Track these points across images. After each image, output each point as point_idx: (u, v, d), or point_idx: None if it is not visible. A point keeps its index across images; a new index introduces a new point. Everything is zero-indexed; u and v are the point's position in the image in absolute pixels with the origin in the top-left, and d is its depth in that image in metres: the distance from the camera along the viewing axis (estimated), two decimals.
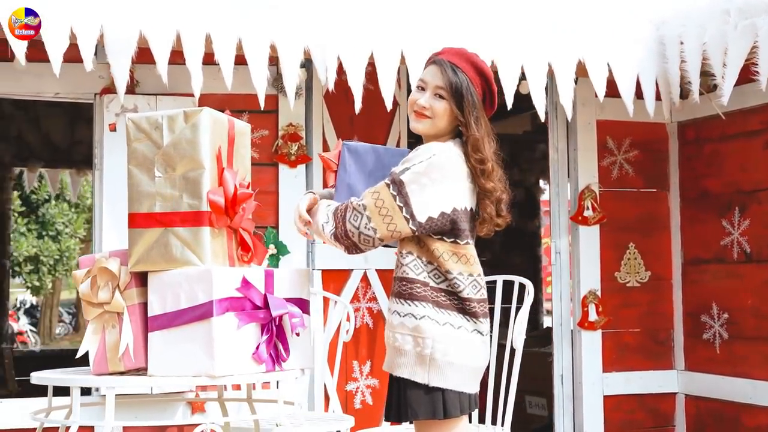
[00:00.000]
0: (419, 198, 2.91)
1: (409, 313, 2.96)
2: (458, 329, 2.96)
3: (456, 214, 2.95)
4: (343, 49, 4.31)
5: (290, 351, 3.20)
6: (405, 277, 2.98)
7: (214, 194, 3.06)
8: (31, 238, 17.89)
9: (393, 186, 2.92)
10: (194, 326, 3.00)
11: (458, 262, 2.98)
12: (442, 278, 2.97)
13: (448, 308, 2.96)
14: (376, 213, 2.90)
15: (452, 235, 2.96)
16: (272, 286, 3.18)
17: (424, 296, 2.95)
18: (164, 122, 3.09)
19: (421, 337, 2.93)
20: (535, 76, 4.60)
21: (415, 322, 2.95)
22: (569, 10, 4.79)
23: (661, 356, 5.52)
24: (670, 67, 4.77)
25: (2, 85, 4.43)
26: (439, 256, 2.96)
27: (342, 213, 2.95)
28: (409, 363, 2.95)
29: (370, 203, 2.92)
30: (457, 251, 2.97)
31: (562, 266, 5.45)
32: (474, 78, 3.04)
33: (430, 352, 2.92)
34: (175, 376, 3.03)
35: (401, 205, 2.90)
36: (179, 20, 4.12)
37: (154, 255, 3.07)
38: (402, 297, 2.98)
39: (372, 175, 3.14)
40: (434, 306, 2.95)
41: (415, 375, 2.94)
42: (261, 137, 4.86)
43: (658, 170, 5.58)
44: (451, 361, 2.94)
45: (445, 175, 2.95)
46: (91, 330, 3.15)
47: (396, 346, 2.97)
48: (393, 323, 3.00)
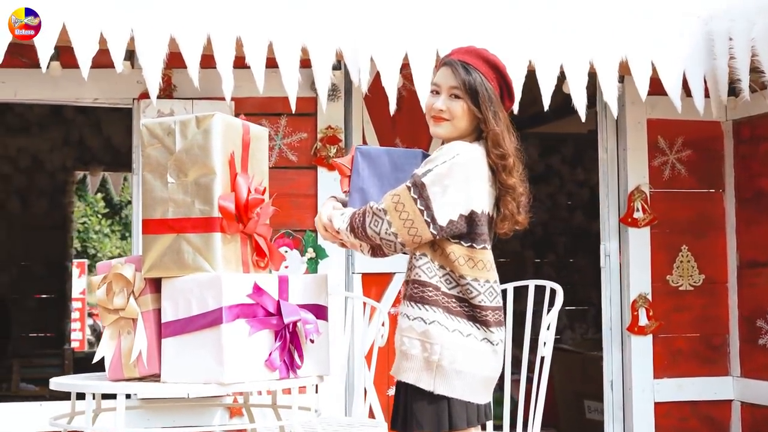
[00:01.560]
0: (441, 201, 2.84)
1: (418, 317, 2.89)
2: (467, 337, 2.88)
3: (474, 217, 2.88)
4: (376, 50, 4.26)
5: (305, 358, 3.17)
6: (417, 280, 2.91)
7: (224, 200, 3.04)
8: (115, 239, 18.25)
9: (414, 189, 2.84)
10: (204, 333, 2.99)
11: (474, 268, 2.90)
12: (454, 284, 2.90)
13: (458, 315, 2.89)
14: (396, 217, 2.84)
15: (469, 238, 2.89)
16: (286, 292, 3.14)
17: (436, 301, 2.88)
18: (177, 128, 3.08)
19: (429, 343, 2.87)
20: (575, 75, 4.48)
21: (424, 327, 2.88)
22: (612, 7, 4.65)
23: (715, 362, 5.34)
24: (719, 64, 4.60)
25: (41, 91, 4.47)
26: (454, 261, 2.89)
27: (361, 218, 2.88)
28: (415, 368, 2.88)
29: (390, 207, 2.85)
30: (473, 256, 2.90)
31: (611, 269, 5.31)
32: (487, 73, 2.98)
33: (438, 359, 2.85)
34: (186, 382, 3.01)
35: (422, 208, 2.83)
36: (210, 23, 4.11)
37: (167, 261, 3.07)
38: (413, 300, 2.91)
39: (386, 177, 3.07)
40: (445, 311, 2.88)
41: (420, 381, 2.87)
42: (300, 140, 4.84)
43: (712, 170, 5.40)
44: (458, 369, 2.86)
45: (468, 176, 2.88)
46: (108, 336, 3.16)
47: (403, 350, 2.90)
48: (402, 326, 2.93)
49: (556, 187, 9.31)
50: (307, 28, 4.22)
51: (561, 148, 9.09)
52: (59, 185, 8.48)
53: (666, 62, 4.59)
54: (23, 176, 8.00)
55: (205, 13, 4.12)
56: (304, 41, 4.21)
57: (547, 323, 3.70)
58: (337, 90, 4.76)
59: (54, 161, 8.23)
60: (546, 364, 3.79)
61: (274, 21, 4.19)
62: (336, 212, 2.98)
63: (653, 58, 4.59)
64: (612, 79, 4.54)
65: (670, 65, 4.59)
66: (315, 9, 4.26)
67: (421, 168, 2.90)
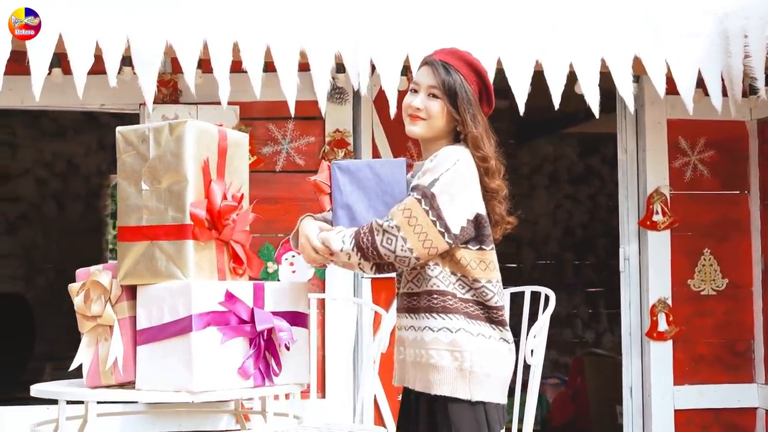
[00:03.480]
0: (451, 209, 2.80)
1: (443, 327, 2.84)
2: (489, 339, 2.86)
3: (479, 219, 2.85)
4: (376, 52, 4.22)
5: (283, 366, 3.14)
6: (436, 290, 2.86)
7: (195, 207, 3.02)
8: None
9: (425, 200, 2.79)
10: (176, 341, 2.97)
11: (486, 270, 2.87)
12: (467, 288, 2.86)
13: (477, 318, 2.86)
14: (410, 232, 2.78)
15: (477, 241, 2.86)
16: (262, 299, 3.11)
17: (456, 308, 2.84)
18: (151, 135, 3.08)
19: (458, 351, 2.82)
20: (586, 73, 4.38)
21: (450, 336, 2.83)
22: (625, 4, 4.55)
23: (739, 369, 5.19)
24: (734, 62, 4.47)
25: (48, 98, 4.50)
26: (466, 265, 2.85)
27: (369, 237, 2.80)
28: (449, 379, 2.83)
29: (402, 222, 2.78)
30: (483, 258, 2.87)
31: (631, 273, 5.20)
32: (468, 75, 2.93)
33: (470, 366, 2.82)
34: (159, 390, 3.00)
35: (434, 219, 2.78)
36: (206, 29, 4.11)
37: (140, 268, 3.06)
38: (433, 311, 2.86)
39: (371, 191, 2.97)
40: (466, 317, 2.85)
41: (456, 391, 2.82)
42: (307, 144, 4.81)
43: (736, 171, 5.25)
44: (488, 373, 2.84)
45: (469, 181, 2.86)
46: (85, 343, 3.16)
47: (432, 363, 2.84)
48: (424, 339, 2.87)
49: (596, 188, 9.16)
50: (306, 32, 4.20)
51: (601, 148, 8.93)
52: (94, 189, 8.58)
53: (679, 60, 4.48)
54: (59, 180, 8.13)
55: (202, 18, 4.12)
56: (302, 45, 4.19)
57: (534, 332, 3.59)
58: (344, 93, 4.73)
59: (89, 165, 8.35)
60: (534, 375, 3.69)
61: (272, 25, 4.18)
62: (329, 234, 2.89)
63: (667, 56, 4.48)
64: (626, 75, 4.44)
65: (683, 63, 4.48)
66: (314, 12, 4.23)
67: (424, 178, 2.84)
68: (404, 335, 2.97)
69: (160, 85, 4.61)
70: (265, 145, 4.77)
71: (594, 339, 9.05)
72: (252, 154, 4.67)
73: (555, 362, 8.89)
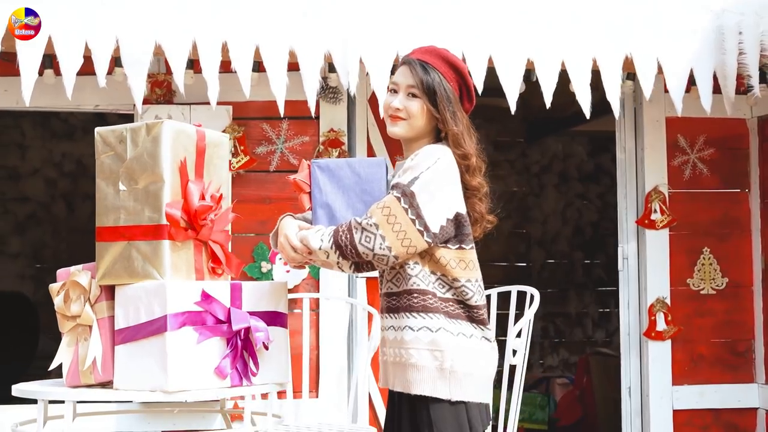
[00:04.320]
0: (430, 208, 2.80)
1: (423, 327, 2.84)
2: (470, 338, 2.86)
3: (459, 218, 2.86)
4: (366, 52, 4.21)
5: (261, 365, 3.13)
6: (416, 289, 2.86)
7: (171, 207, 3.02)
8: None
9: (404, 199, 2.79)
10: (151, 340, 2.98)
11: (466, 269, 2.88)
12: (447, 287, 2.86)
13: (458, 318, 2.86)
14: (389, 230, 2.77)
15: (457, 241, 2.87)
16: (240, 299, 3.12)
17: (436, 307, 2.85)
18: (128, 135, 3.08)
19: (439, 351, 2.82)
20: (577, 74, 4.36)
21: (431, 336, 2.83)
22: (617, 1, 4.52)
23: (739, 369, 5.14)
24: (728, 60, 4.43)
25: (43, 99, 4.53)
26: (445, 264, 2.85)
27: (348, 235, 2.80)
28: (429, 379, 2.83)
29: (381, 220, 2.78)
30: (463, 257, 2.87)
31: (629, 272, 5.17)
32: (447, 73, 2.94)
33: (450, 365, 2.82)
34: (135, 390, 3.01)
35: (413, 218, 2.78)
36: (196, 30, 4.12)
37: (118, 269, 3.07)
38: (413, 310, 2.86)
39: (350, 190, 2.98)
40: (446, 316, 2.85)
41: (436, 391, 2.82)
42: (302, 143, 4.81)
43: (737, 169, 5.20)
44: (469, 372, 2.84)
45: (449, 179, 2.86)
46: (66, 342, 3.18)
47: (412, 362, 2.85)
48: (404, 339, 2.87)
49: (606, 187, 9.11)
50: (296, 32, 4.20)
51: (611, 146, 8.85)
52: None
53: (671, 59, 4.44)
54: (68, 180, 8.18)
55: (191, 18, 4.12)
56: (291, 45, 4.19)
57: (516, 330, 3.58)
58: (339, 93, 4.72)
59: None
60: (518, 373, 3.67)
61: (261, 25, 4.18)
62: (308, 232, 2.89)
63: (659, 54, 4.44)
64: (615, 76, 4.41)
65: (675, 62, 4.44)
66: (303, 12, 4.23)
67: (404, 177, 2.84)
68: (386, 335, 2.97)
69: (154, 86, 4.64)
70: (260, 144, 4.77)
71: (604, 338, 9.00)
72: (245, 154, 4.69)
73: (565, 362, 8.85)
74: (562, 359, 8.91)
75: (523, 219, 8.96)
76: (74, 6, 4.05)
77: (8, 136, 8.28)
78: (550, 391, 7.80)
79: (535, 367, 8.84)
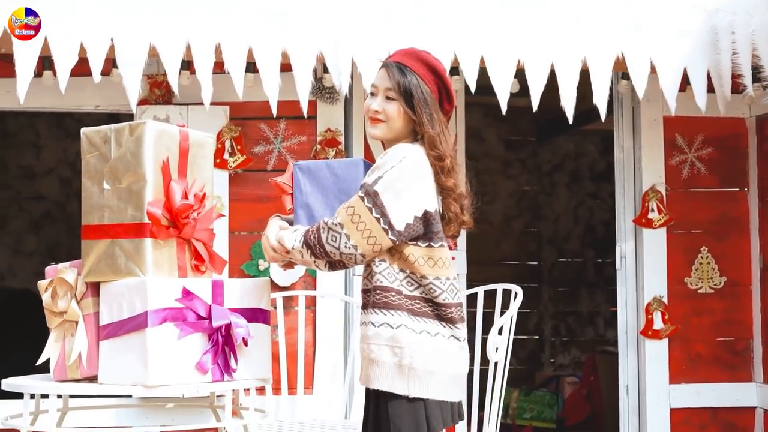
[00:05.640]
0: (395, 206, 2.85)
1: (384, 323, 2.89)
2: (435, 336, 2.90)
3: (428, 216, 2.90)
4: (357, 52, 4.26)
5: (242, 361, 3.20)
6: (379, 286, 2.92)
7: (153, 206, 3.09)
8: None
9: (367, 198, 2.86)
10: (133, 336, 3.05)
11: (434, 267, 2.92)
12: (416, 285, 2.91)
13: (424, 315, 2.90)
14: (353, 229, 2.85)
15: (426, 238, 2.92)
16: (221, 296, 3.18)
17: (399, 305, 2.89)
18: (112, 135, 3.16)
19: (398, 347, 2.87)
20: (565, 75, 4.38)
21: (391, 332, 2.88)
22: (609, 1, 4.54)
23: (738, 368, 5.14)
24: (722, 59, 4.44)
25: (45, 99, 4.62)
26: (414, 262, 2.90)
27: (315, 235, 2.88)
28: (387, 374, 2.88)
29: (346, 220, 2.86)
30: (432, 255, 2.92)
31: (627, 271, 5.20)
32: (425, 75, 2.98)
33: (409, 362, 2.86)
34: (118, 384, 3.09)
35: (378, 216, 2.85)
36: (190, 32, 4.18)
37: (102, 266, 3.15)
38: (376, 306, 2.91)
39: (329, 190, 3.07)
40: (409, 314, 2.89)
41: (394, 387, 2.87)
42: (299, 143, 4.86)
43: (735, 168, 5.20)
44: (430, 370, 2.87)
45: (416, 177, 2.91)
46: (53, 338, 3.25)
47: (372, 357, 2.91)
48: (368, 334, 2.94)
49: None
50: (288, 33, 4.26)
51: None
52: None
53: (665, 58, 4.45)
54: None
55: (185, 20, 4.19)
56: (284, 46, 4.25)
57: (498, 327, 3.62)
58: (335, 93, 4.77)
59: None
60: (500, 370, 3.71)
61: (253, 26, 4.24)
62: (285, 233, 2.99)
63: (652, 54, 4.46)
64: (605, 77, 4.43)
65: (669, 61, 4.46)
66: (295, 13, 4.29)
67: (370, 176, 2.91)
68: (360, 330, 3.03)
69: (153, 87, 4.72)
70: (258, 144, 4.84)
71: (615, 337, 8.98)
72: (242, 154, 4.75)
73: (577, 361, 8.86)
74: (573, 358, 8.91)
75: (534, 218, 8.98)
76: (70, 7, 4.13)
77: (23, 137, 8.40)
78: (560, 390, 7.82)
79: (546, 365, 8.86)
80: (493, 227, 8.69)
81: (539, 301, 8.94)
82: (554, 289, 9.00)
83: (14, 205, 8.45)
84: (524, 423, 7.49)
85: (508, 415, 7.54)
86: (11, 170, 8.41)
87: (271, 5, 4.27)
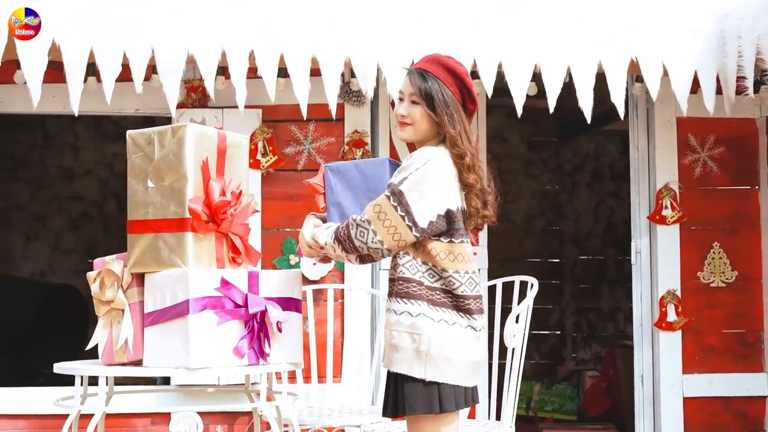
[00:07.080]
0: (419, 205, 3.09)
1: (405, 311, 3.13)
2: (452, 326, 3.12)
3: (450, 215, 3.13)
4: (383, 57, 4.51)
5: (275, 346, 3.45)
6: (402, 277, 3.15)
7: (193, 203, 3.36)
8: None
9: (393, 197, 3.10)
10: (176, 323, 3.32)
11: (455, 261, 3.14)
12: (437, 277, 3.14)
13: (443, 306, 3.12)
14: (380, 225, 3.09)
15: (448, 235, 3.14)
16: (257, 286, 3.44)
17: (419, 295, 3.12)
18: (156, 137, 3.43)
19: (417, 334, 3.10)
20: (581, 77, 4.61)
21: (411, 320, 3.11)
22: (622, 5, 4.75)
23: (749, 359, 5.35)
24: (729, 63, 4.65)
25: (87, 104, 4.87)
26: (435, 256, 3.13)
27: (345, 231, 3.13)
28: (406, 359, 3.11)
29: (373, 217, 3.10)
30: (453, 250, 3.14)
31: (642, 266, 5.40)
32: (446, 79, 3.20)
33: (427, 348, 3.09)
34: (162, 367, 3.36)
35: (403, 214, 3.08)
36: (225, 39, 4.45)
37: (147, 258, 3.41)
38: (398, 296, 3.15)
39: (358, 189, 3.33)
40: (429, 304, 3.11)
41: (412, 371, 3.10)
42: (327, 144, 5.13)
43: (746, 167, 5.41)
44: (446, 357, 3.10)
45: (440, 178, 3.13)
46: (101, 325, 3.53)
47: (393, 343, 3.14)
48: (390, 321, 3.18)
49: None
50: (317, 39, 4.51)
51: None
52: None
53: (676, 61, 4.66)
54: (119, 180, 8.58)
55: (220, 28, 4.46)
56: (314, 52, 4.50)
57: (515, 315, 3.85)
58: (362, 96, 5.02)
59: None
60: (517, 356, 3.93)
61: (285, 33, 4.49)
62: (318, 229, 3.25)
63: (664, 57, 4.67)
64: (620, 79, 4.64)
65: (680, 64, 4.66)
66: (324, 21, 4.54)
67: (396, 177, 3.15)
68: (384, 317, 3.27)
69: (190, 91, 4.99)
70: (288, 145, 5.10)
71: None
72: (274, 154, 5.02)
73: (597, 356, 9.05)
74: (594, 353, 9.11)
75: (556, 216, 9.19)
76: (114, 18, 4.41)
77: (63, 138, 8.73)
78: (580, 384, 8.02)
79: (568, 360, 9.07)
80: (516, 226, 8.92)
81: (561, 298, 9.16)
82: (575, 285, 9.21)
83: (54, 204, 8.78)
84: (546, 415, 7.70)
85: (531, 407, 7.75)
86: (51, 171, 8.74)
87: (302, 13, 4.53)
